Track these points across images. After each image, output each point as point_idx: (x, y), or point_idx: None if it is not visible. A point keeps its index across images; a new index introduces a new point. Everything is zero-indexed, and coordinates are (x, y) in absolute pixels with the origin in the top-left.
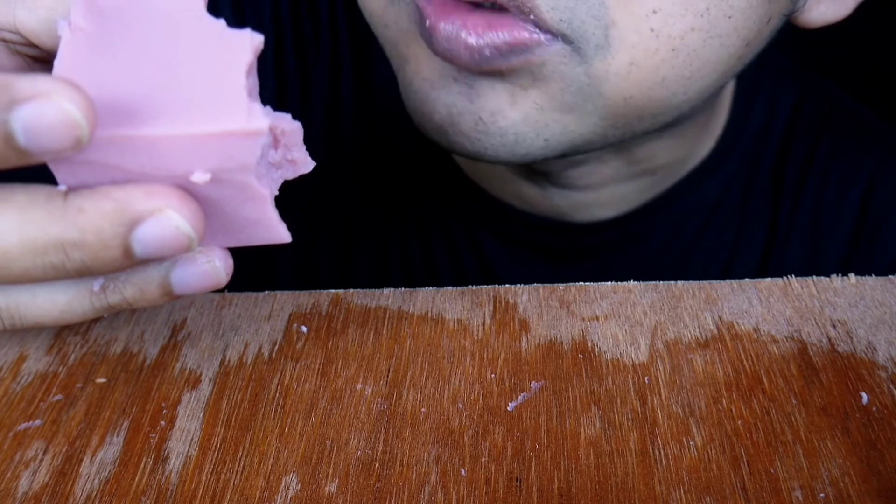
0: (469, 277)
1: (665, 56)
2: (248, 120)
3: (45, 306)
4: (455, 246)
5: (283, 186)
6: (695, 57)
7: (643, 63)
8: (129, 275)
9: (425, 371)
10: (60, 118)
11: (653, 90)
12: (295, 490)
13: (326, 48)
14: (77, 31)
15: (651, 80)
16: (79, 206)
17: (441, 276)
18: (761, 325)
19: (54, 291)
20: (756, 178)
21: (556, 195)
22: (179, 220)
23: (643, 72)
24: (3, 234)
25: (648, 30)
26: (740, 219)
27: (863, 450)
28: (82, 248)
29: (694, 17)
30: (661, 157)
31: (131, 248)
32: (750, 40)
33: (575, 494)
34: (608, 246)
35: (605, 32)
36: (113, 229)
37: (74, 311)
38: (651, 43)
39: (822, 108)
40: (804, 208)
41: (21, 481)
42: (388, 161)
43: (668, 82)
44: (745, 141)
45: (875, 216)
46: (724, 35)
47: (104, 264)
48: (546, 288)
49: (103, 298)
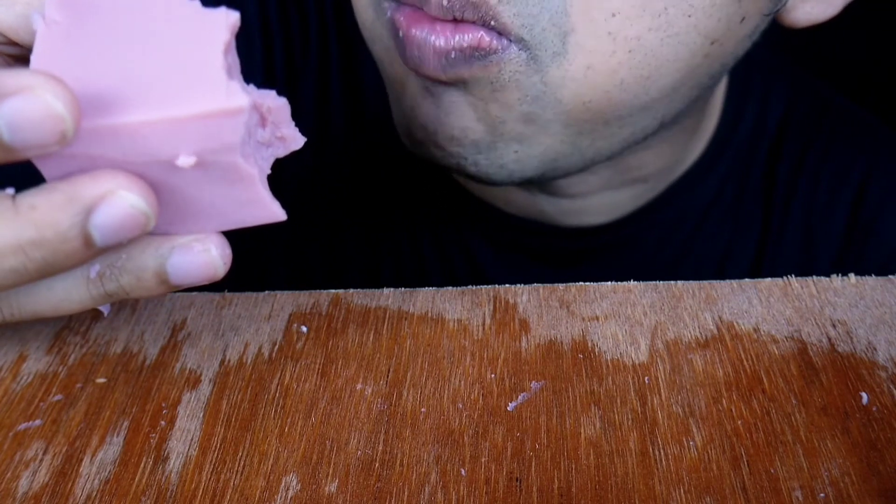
0: (460, 282)
1: (622, 58)
2: (227, 98)
3: (42, 296)
4: (445, 250)
5: (272, 189)
6: (652, 57)
7: (600, 67)
8: (126, 262)
9: (425, 371)
10: (44, 112)
11: (611, 93)
12: (295, 490)
13: (315, 52)
14: (52, 24)
15: (609, 83)
16: (29, 203)
17: (432, 281)
18: (761, 325)
19: (52, 281)
20: (748, 179)
21: (545, 202)
22: (133, 199)
23: (600, 75)
24: None
25: (606, 34)
26: (733, 220)
27: (863, 450)
28: (41, 245)
29: (651, 18)
30: (652, 164)
31: (90, 235)
32: (717, 38)
33: (575, 494)
34: (599, 251)
35: (563, 40)
36: (69, 220)
37: (72, 299)
38: (607, 46)
39: (814, 108)
40: (796, 209)
41: (21, 481)
42: (377, 165)
43: (626, 84)
44: (737, 142)
45: (868, 215)
46: (682, 33)
47: (66, 258)
48: (546, 288)
49: (100, 286)
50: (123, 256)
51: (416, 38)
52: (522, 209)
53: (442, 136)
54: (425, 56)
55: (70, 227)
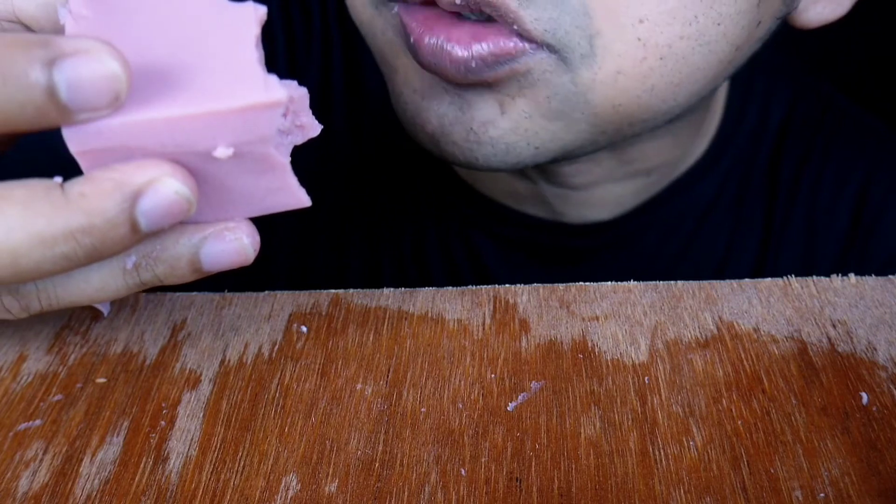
0: (462, 278)
1: (653, 64)
2: (266, 92)
3: (79, 286)
4: (448, 246)
5: None
6: (684, 64)
7: (630, 72)
8: (161, 252)
9: (425, 371)
10: (103, 73)
11: (641, 98)
12: (295, 490)
13: (317, 49)
14: (79, 19)
15: (640, 89)
16: (79, 191)
17: (434, 277)
18: (761, 325)
19: (88, 271)
20: (750, 177)
21: (548, 191)
22: (178, 185)
23: (630, 80)
24: (9, 232)
25: (635, 39)
26: (734, 219)
27: (863, 450)
28: (91, 232)
29: (682, 26)
30: (655, 157)
31: (137, 222)
32: (740, 45)
33: (575, 494)
34: (601, 248)
35: (590, 42)
36: (117, 207)
37: (108, 289)
38: (638, 52)
39: (816, 108)
40: (799, 208)
41: (21, 481)
42: (380, 162)
43: (657, 90)
44: (740, 140)
45: (870, 215)
46: (712, 42)
47: (114, 244)
48: (546, 288)
49: (136, 276)
50: (158, 247)
51: (431, 45)
52: (526, 203)
53: (458, 130)
54: (442, 63)
55: (118, 213)
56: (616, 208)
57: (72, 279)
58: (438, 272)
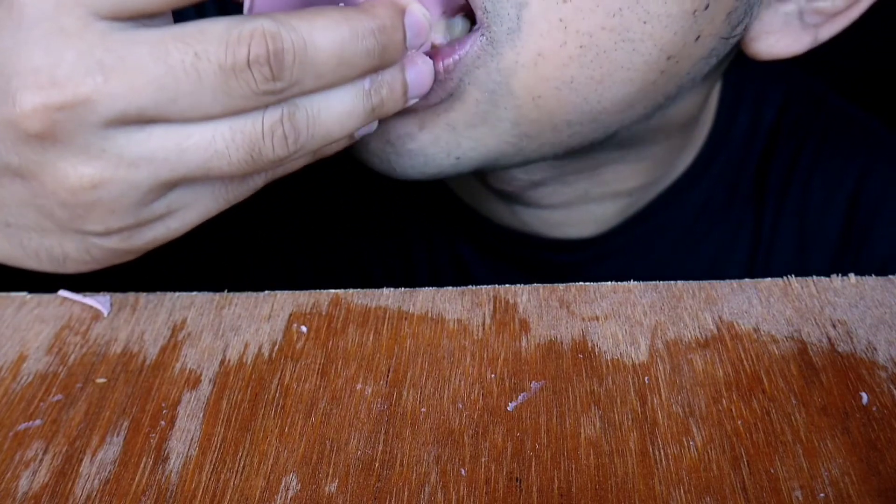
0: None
1: (573, 52)
2: None
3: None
4: (436, 258)
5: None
6: (605, 59)
7: (550, 56)
8: (383, 76)
9: (425, 371)
10: None
11: (561, 91)
12: (295, 490)
13: None
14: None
15: (559, 79)
16: (370, 4)
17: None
18: (761, 325)
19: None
20: (739, 184)
21: (524, 213)
22: (422, 10)
23: (550, 66)
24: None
25: (558, 19)
26: (723, 226)
27: (863, 450)
28: (384, 31)
29: (605, 16)
30: (632, 180)
31: (406, 33)
32: (672, 54)
33: (575, 494)
34: (585, 262)
35: (518, 13)
36: (396, 16)
37: (354, 113)
38: (559, 34)
39: (807, 109)
40: (788, 212)
41: (21, 481)
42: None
43: (577, 84)
44: (730, 147)
45: (864, 217)
46: (637, 40)
47: (394, 48)
48: (546, 288)
49: (370, 99)
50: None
51: None
52: (506, 219)
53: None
54: None
55: (396, 21)
56: (598, 226)
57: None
58: (426, 284)
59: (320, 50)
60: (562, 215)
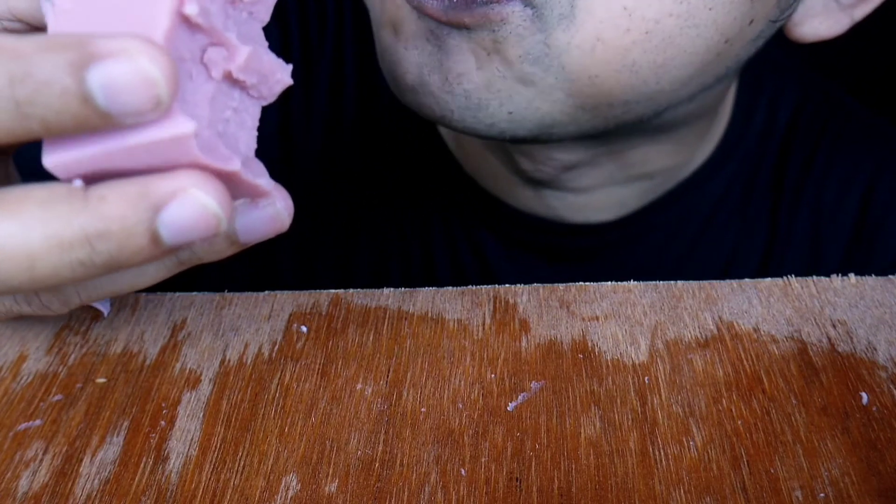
0: (468, 276)
1: (637, 38)
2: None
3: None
4: (454, 244)
5: (285, 180)
6: (669, 44)
7: (611, 41)
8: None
9: (425, 371)
10: (139, 77)
11: (621, 73)
12: (295, 490)
13: (330, 42)
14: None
15: (619, 63)
16: (100, 195)
17: (440, 275)
18: (761, 325)
19: None
20: (756, 179)
21: (550, 197)
22: (205, 199)
23: (611, 51)
24: (26, 233)
25: (621, 7)
26: (740, 220)
27: (863, 450)
28: (108, 238)
29: (672, 3)
30: (657, 162)
31: (158, 233)
32: (730, 37)
33: (575, 494)
34: (606, 247)
35: (572, 2)
36: (137, 215)
37: (147, 275)
38: (622, 21)
39: (823, 109)
40: (804, 209)
41: (21, 481)
42: (388, 157)
43: (638, 67)
44: (747, 142)
45: (875, 216)
46: (701, 25)
47: (132, 254)
48: (546, 288)
49: (174, 258)
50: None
51: None
52: (529, 205)
53: (435, 80)
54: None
55: (137, 222)
56: (620, 210)
57: None
58: (445, 270)
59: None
60: (587, 198)
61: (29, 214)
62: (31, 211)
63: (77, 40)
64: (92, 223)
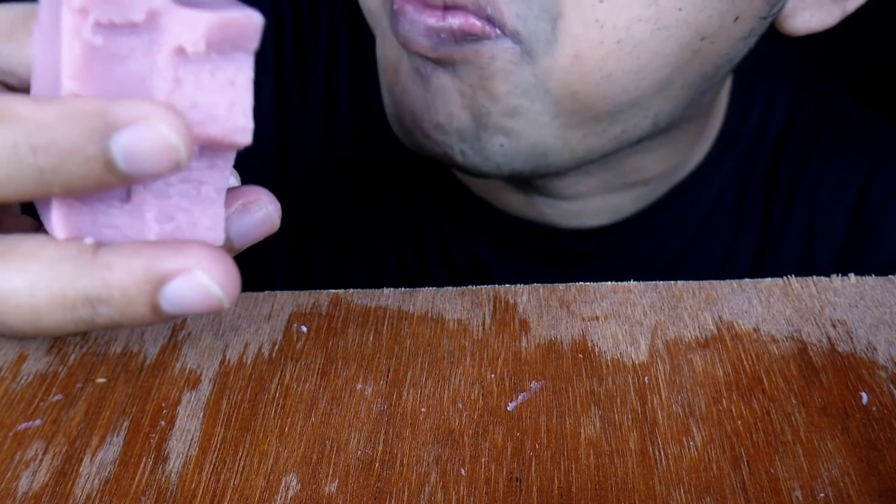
0: (463, 281)
1: (610, 48)
2: None
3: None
4: (449, 250)
5: (280, 184)
6: (642, 49)
7: (587, 56)
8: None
9: (425, 371)
10: (160, 144)
11: (600, 85)
12: (295, 490)
13: (325, 48)
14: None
15: (597, 75)
16: (107, 262)
17: (435, 281)
18: (761, 325)
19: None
20: (751, 180)
21: (542, 203)
22: (207, 281)
23: (588, 65)
24: (33, 290)
25: (594, 20)
26: (734, 222)
27: (863, 450)
28: (109, 304)
29: (640, 8)
30: (652, 168)
31: (159, 306)
32: (707, 35)
33: (575, 494)
34: (600, 252)
35: (553, 25)
36: (138, 287)
37: None
38: (595, 34)
39: (817, 109)
40: (798, 210)
41: (21, 481)
42: (383, 163)
43: (615, 77)
44: (742, 143)
45: (870, 217)
46: (672, 26)
47: (133, 320)
48: (546, 288)
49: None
50: None
51: (409, 11)
52: (522, 211)
53: (428, 123)
54: (416, 30)
55: (138, 294)
56: (614, 215)
57: None
58: (439, 274)
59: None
60: (580, 205)
61: (36, 272)
62: (38, 269)
63: (97, 107)
64: (95, 288)
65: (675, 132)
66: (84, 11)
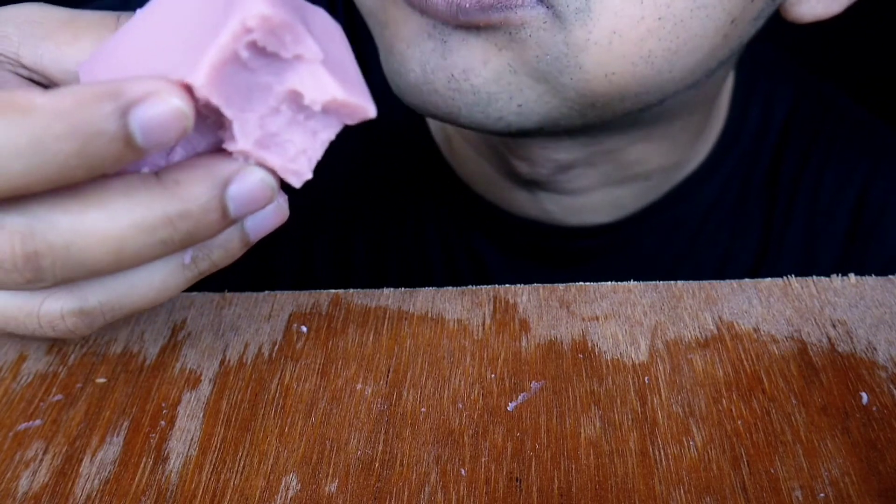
0: (464, 281)
1: (651, 26)
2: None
3: (142, 291)
4: (450, 250)
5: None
6: (681, 28)
7: (627, 33)
8: (209, 245)
9: (425, 371)
10: (173, 114)
11: (637, 66)
12: (295, 490)
13: None
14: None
15: (636, 55)
16: (174, 179)
17: (437, 281)
18: (761, 325)
19: (151, 273)
20: (751, 180)
21: (546, 200)
22: (262, 174)
23: (627, 44)
24: (114, 220)
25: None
26: (735, 221)
27: (863, 450)
28: (187, 217)
29: None
30: (653, 161)
31: (227, 207)
32: (735, 17)
33: (575, 494)
34: (602, 250)
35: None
36: (209, 192)
37: (169, 287)
38: (635, 10)
39: (818, 109)
40: (799, 211)
41: (21, 481)
42: (384, 163)
43: (653, 57)
44: (742, 143)
45: (870, 216)
46: (709, 6)
47: (207, 228)
48: (546, 288)
49: (194, 269)
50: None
51: None
52: (524, 208)
53: (440, 77)
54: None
55: (210, 198)
56: (617, 211)
57: (135, 286)
58: (440, 274)
59: (88, 251)
60: (583, 200)
61: (114, 203)
62: (115, 200)
63: (110, 89)
64: (173, 205)
65: (676, 122)
66: (249, 30)
